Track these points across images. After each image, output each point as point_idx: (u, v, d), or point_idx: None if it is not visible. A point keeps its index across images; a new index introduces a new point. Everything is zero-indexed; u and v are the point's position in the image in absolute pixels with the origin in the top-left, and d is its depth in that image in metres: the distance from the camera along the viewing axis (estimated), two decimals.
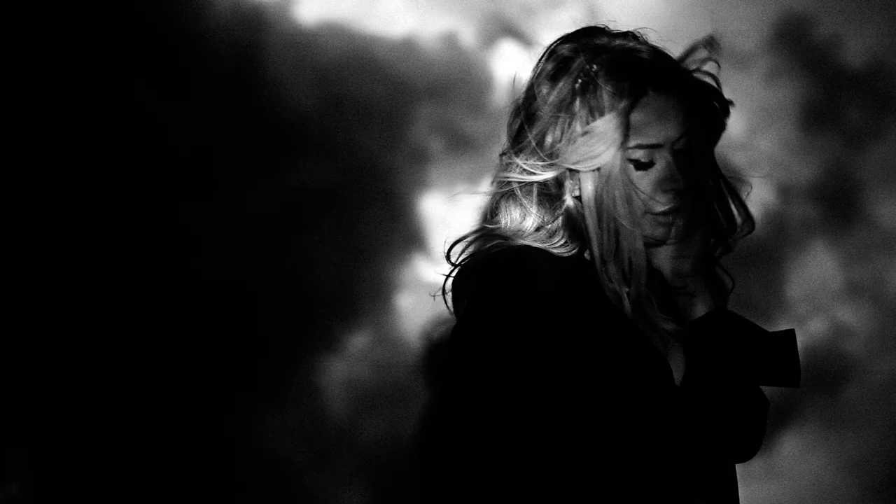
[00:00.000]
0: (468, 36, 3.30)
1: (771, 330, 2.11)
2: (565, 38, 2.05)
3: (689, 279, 2.05)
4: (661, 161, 2.00)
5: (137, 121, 3.24)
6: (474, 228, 2.10)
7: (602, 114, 1.97)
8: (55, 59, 3.22)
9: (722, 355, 2.03)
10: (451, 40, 3.29)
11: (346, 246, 3.30)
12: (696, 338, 2.04)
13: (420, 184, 3.30)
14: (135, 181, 3.25)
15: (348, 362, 3.30)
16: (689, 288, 2.06)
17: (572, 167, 1.99)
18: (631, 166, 1.99)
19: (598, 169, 1.98)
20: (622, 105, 1.96)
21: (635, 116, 1.97)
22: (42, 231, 3.25)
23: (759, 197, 3.34)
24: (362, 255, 3.29)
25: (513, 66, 2.27)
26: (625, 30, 2.05)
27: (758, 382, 2.06)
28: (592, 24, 2.07)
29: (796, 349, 2.08)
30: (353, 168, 3.27)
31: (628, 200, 1.99)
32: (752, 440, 2.10)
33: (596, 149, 1.97)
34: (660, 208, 2.01)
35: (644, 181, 2.00)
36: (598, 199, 1.99)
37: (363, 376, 3.29)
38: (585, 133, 1.97)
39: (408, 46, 3.28)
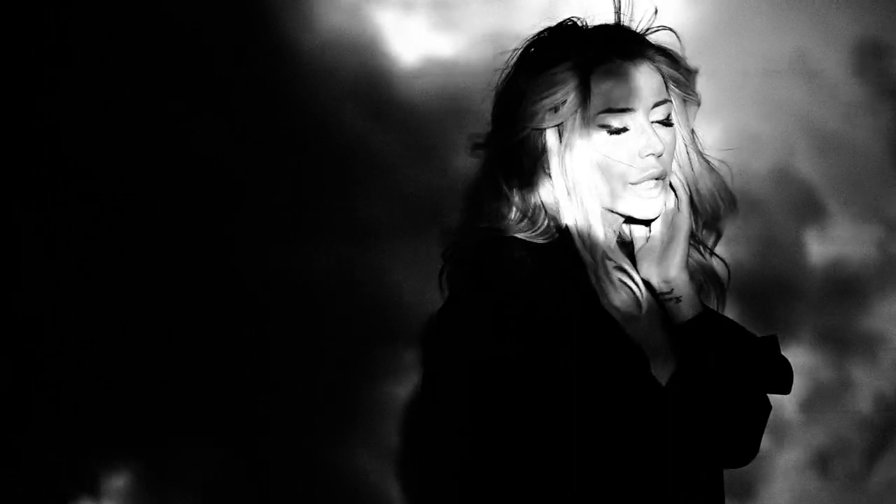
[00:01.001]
0: None
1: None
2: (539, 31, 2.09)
3: (674, 284, 2.04)
4: (636, 127, 2.00)
5: (190, 146, 3.27)
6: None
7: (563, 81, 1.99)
8: (104, 81, 3.28)
9: (708, 358, 2.01)
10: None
11: (412, 270, 3.29)
12: (683, 341, 2.03)
13: None
14: (199, 205, 3.29)
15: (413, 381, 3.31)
16: (675, 293, 2.04)
17: (533, 125, 2.00)
18: (604, 133, 1.99)
19: (561, 134, 1.99)
20: (573, 61, 1.98)
21: (604, 85, 1.99)
22: (98, 244, 3.30)
23: (857, 232, 3.30)
24: (429, 278, 3.29)
25: None
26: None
27: (748, 387, 2.02)
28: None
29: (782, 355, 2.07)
30: (418, 193, 3.27)
31: (596, 166, 1.99)
32: (745, 444, 2.06)
33: (551, 100, 1.99)
34: (637, 175, 2.00)
35: (620, 149, 2.00)
36: (563, 165, 2.00)
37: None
38: (543, 88, 1.99)
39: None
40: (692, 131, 2.08)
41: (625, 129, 2.00)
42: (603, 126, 1.99)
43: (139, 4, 3.25)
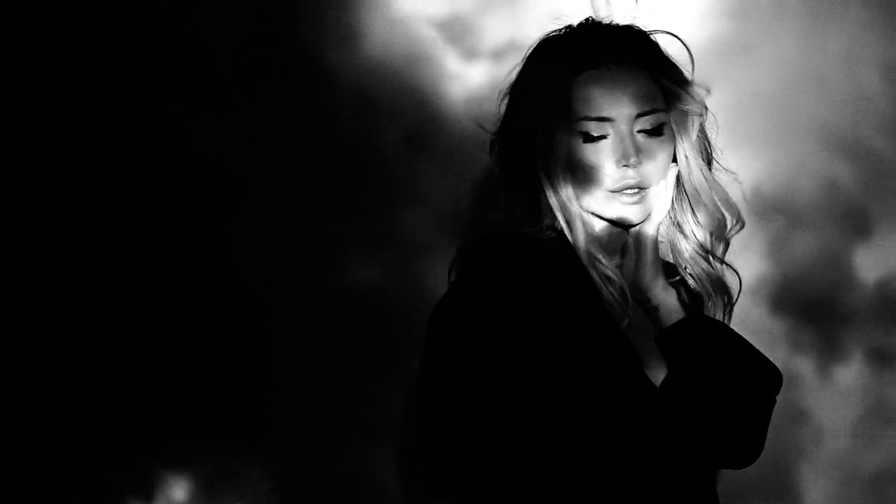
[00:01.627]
0: None
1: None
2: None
3: (649, 294, 2.06)
4: (616, 135, 1.99)
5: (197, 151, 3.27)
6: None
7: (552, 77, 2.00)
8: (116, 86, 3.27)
9: (693, 363, 2.00)
10: None
11: (422, 270, 3.28)
12: (664, 347, 2.04)
13: None
14: (199, 205, 3.29)
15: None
16: (651, 302, 2.05)
17: (523, 122, 2.02)
18: (580, 139, 1.99)
19: (546, 134, 2.00)
20: (564, 62, 2.00)
21: (586, 91, 2.00)
22: (112, 247, 3.28)
23: None
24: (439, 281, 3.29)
25: None
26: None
27: (737, 390, 2.02)
28: None
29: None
30: (440, 211, 3.27)
31: (574, 170, 2.00)
32: (747, 445, 2.05)
33: (537, 99, 2.00)
34: (614, 184, 2.00)
35: (597, 156, 2.00)
36: (546, 165, 2.01)
37: None
38: (532, 86, 2.01)
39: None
40: (704, 143, 2.08)
41: (603, 137, 2.00)
42: (581, 132, 1.99)
43: (139, 4, 3.25)
